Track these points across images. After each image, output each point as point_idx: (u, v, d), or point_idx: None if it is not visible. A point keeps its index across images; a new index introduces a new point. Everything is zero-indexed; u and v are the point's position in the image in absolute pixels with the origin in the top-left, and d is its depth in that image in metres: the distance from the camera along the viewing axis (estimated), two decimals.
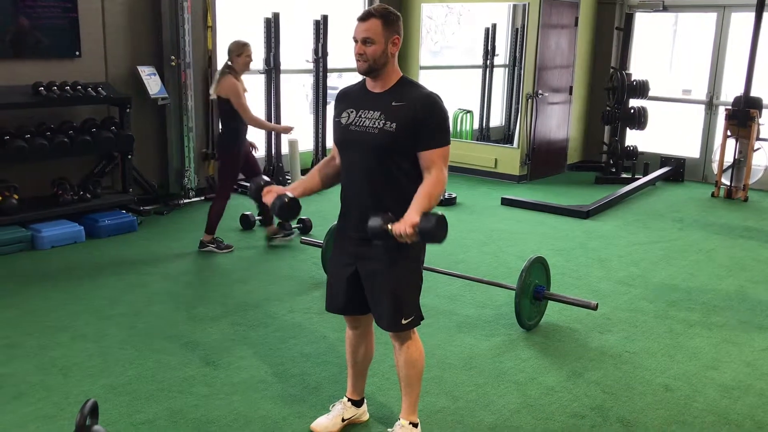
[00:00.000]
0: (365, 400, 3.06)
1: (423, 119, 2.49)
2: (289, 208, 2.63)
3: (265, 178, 2.81)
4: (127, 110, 6.01)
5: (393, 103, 2.52)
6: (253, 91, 7.58)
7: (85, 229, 5.56)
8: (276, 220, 5.57)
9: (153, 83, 6.31)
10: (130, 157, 6.08)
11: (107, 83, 6.07)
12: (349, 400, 3.01)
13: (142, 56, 6.40)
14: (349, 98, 2.67)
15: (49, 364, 3.48)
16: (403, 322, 2.65)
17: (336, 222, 2.81)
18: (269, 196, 2.66)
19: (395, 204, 2.53)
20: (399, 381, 2.82)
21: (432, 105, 2.52)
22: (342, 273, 2.72)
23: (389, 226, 2.39)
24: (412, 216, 2.40)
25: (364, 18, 2.52)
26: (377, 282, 2.62)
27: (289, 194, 2.63)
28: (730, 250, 5.77)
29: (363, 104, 2.59)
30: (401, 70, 2.67)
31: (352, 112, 2.61)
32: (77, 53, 5.91)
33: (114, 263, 5.06)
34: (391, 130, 2.50)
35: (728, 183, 7.70)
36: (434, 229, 2.37)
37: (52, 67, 5.76)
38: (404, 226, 2.37)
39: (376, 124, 2.52)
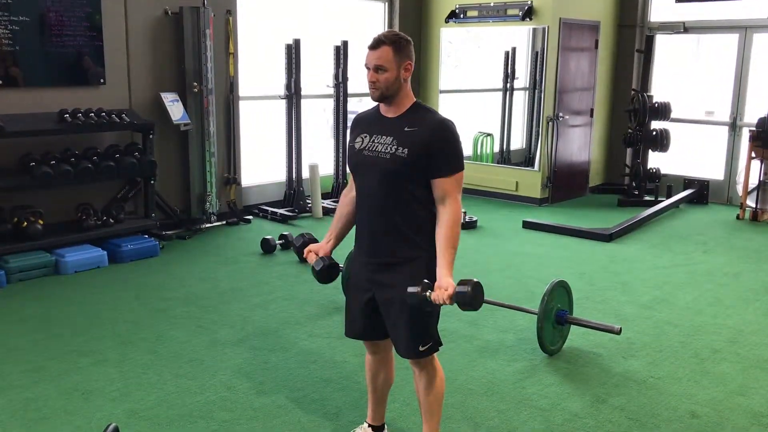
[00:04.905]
0: (386, 426, 3.03)
1: (435, 145, 2.49)
2: (329, 272, 2.82)
3: (309, 234, 3.01)
4: (150, 136, 6.09)
5: (405, 129, 2.52)
6: (274, 117, 7.68)
7: (108, 253, 5.62)
8: None
9: (175, 109, 6.39)
10: (152, 182, 6.14)
11: (131, 110, 6.16)
12: (369, 425, 2.98)
13: (165, 83, 6.50)
14: (363, 123, 2.68)
15: (72, 389, 3.50)
16: (421, 349, 2.62)
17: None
18: (310, 256, 2.84)
19: (407, 229, 2.54)
20: (419, 407, 2.79)
21: (444, 131, 2.51)
22: (360, 298, 2.71)
23: (428, 294, 2.42)
24: (446, 278, 2.44)
25: (374, 46, 2.51)
26: (395, 309, 2.60)
27: (325, 260, 2.81)
28: (756, 273, 5.67)
29: (376, 129, 2.59)
30: (421, 94, 2.69)
31: (365, 137, 2.61)
32: (102, 81, 6.01)
33: (136, 288, 5.09)
34: (402, 155, 2.49)
35: (753, 205, 7.60)
36: (471, 298, 2.41)
37: (78, 94, 5.87)
38: (442, 295, 2.40)
39: (389, 149, 2.52)
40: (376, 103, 2.66)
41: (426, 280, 2.46)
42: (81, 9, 5.80)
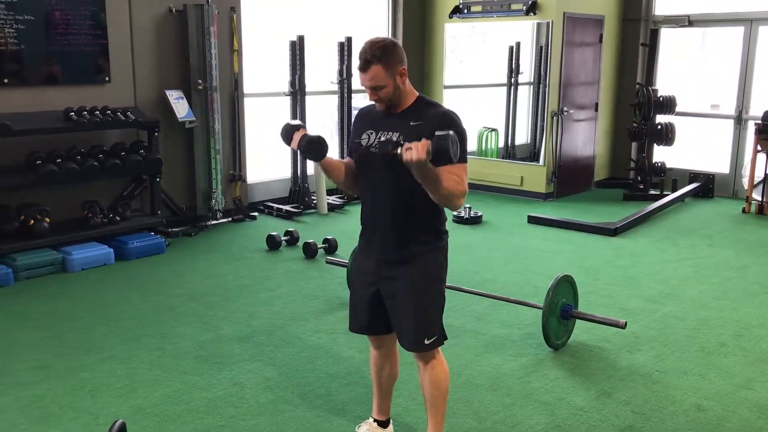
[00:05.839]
0: (391, 421, 3.04)
1: None
2: (317, 144, 2.55)
3: (298, 122, 2.71)
4: (156, 134, 6.11)
5: (411, 123, 2.53)
6: (278, 114, 7.69)
7: (115, 251, 5.64)
8: None
9: (180, 107, 6.41)
10: (158, 179, 6.16)
11: (136, 107, 6.18)
12: (375, 420, 2.99)
13: (170, 80, 6.51)
14: (367, 119, 2.68)
15: (78, 386, 3.52)
16: (426, 342, 2.63)
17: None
18: (297, 134, 2.59)
19: (415, 224, 2.55)
20: (424, 401, 2.80)
21: (450, 122, 2.51)
22: (364, 293, 2.72)
23: (398, 151, 2.30)
24: (424, 142, 2.28)
25: (364, 68, 2.48)
26: (399, 302, 2.61)
27: (312, 136, 2.56)
28: (762, 267, 5.66)
29: (382, 125, 2.59)
30: (425, 90, 2.69)
31: (371, 133, 2.61)
32: (107, 79, 6.03)
33: (142, 285, 5.11)
34: None
35: (759, 198, 7.58)
36: (449, 145, 2.24)
37: (83, 92, 5.88)
38: (416, 151, 2.23)
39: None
40: None
41: (402, 141, 2.34)
42: (86, 7, 5.81)
